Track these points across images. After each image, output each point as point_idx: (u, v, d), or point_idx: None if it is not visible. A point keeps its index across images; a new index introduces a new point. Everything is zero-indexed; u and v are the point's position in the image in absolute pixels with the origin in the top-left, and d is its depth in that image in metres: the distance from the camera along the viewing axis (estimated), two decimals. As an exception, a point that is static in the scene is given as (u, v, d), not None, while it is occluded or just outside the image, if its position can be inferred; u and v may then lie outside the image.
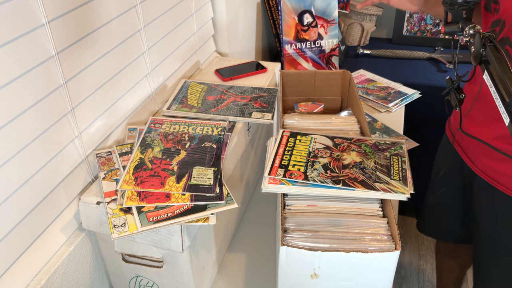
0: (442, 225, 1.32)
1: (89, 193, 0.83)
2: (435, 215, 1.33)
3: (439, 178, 1.26)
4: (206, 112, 1.03)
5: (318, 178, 0.82)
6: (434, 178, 1.30)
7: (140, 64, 1.01)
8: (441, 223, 1.32)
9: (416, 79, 1.77)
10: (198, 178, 0.83)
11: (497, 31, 0.92)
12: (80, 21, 0.79)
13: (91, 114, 0.87)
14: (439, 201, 1.29)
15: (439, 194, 1.28)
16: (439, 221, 1.32)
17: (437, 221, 1.33)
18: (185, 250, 0.80)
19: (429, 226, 1.39)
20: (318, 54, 1.75)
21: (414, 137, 1.45)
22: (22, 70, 0.68)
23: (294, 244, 0.73)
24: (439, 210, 1.31)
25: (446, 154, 1.22)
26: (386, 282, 0.76)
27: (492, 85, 0.66)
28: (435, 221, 1.34)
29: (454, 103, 0.82)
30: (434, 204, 1.32)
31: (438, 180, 1.27)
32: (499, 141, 0.96)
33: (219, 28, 1.41)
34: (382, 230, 0.76)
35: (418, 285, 1.98)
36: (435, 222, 1.34)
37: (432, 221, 1.36)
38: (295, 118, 1.05)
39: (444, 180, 1.24)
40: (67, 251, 0.83)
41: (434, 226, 1.37)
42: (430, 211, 1.35)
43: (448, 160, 1.21)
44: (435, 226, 1.36)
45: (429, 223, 1.38)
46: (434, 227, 1.37)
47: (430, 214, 1.35)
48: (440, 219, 1.32)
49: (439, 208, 1.31)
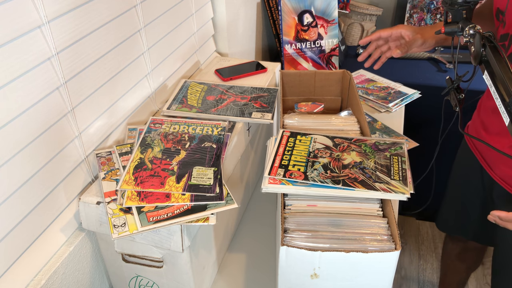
0: (458, 220, 1.32)
1: (89, 193, 0.83)
2: (453, 209, 1.32)
3: (459, 180, 1.26)
4: (206, 112, 1.03)
5: (318, 178, 0.82)
6: (453, 179, 1.30)
7: (140, 64, 1.01)
8: (457, 219, 1.32)
9: (416, 79, 1.77)
10: (198, 178, 0.83)
11: (506, 45, 0.92)
12: (80, 21, 0.79)
13: (91, 114, 0.87)
14: (458, 198, 1.29)
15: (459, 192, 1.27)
16: (456, 216, 1.32)
17: (454, 216, 1.33)
18: (185, 250, 0.80)
19: (446, 221, 1.38)
20: (318, 54, 1.75)
21: (414, 137, 1.44)
22: (22, 70, 0.68)
23: (294, 244, 0.73)
24: (457, 206, 1.30)
25: (465, 157, 1.22)
26: (386, 282, 0.76)
27: (492, 85, 0.66)
28: (452, 215, 1.33)
29: (454, 103, 0.82)
30: (453, 199, 1.31)
31: (457, 180, 1.27)
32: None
33: (219, 28, 1.41)
34: (382, 230, 0.76)
35: (418, 285, 1.98)
36: (452, 216, 1.34)
37: (450, 216, 1.35)
38: (295, 118, 1.05)
39: (465, 181, 1.23)
40: (67, 251, 0.83)
41: (450, 221, 1.36)
42: (449, 206, 1.34)
43: (467, 164, 1.21)
44: (451, 220, 1.35)
45: (446, 218, 1.37)
46: (450, 221, 1.36)
47: (448, 209, 1.34)
48: (457, 214, 1.31)
49: (457, 204, 1.30)
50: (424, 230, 2.25)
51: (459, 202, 1.29)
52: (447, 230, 1.45)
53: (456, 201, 1.31)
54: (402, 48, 1.11)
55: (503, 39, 0.93)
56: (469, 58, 0.76)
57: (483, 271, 1.99)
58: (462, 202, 1.27)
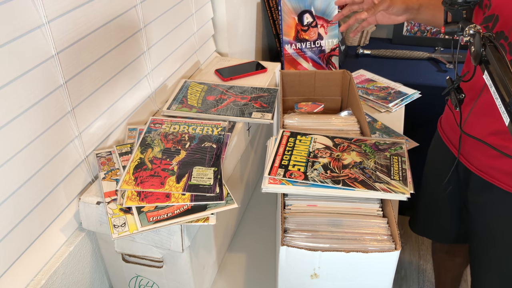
0: (435, 225, 1.32)
1: (89, 193, 0.83)
2: (429, 214, 1.32)
3: (432, 177, 1.26)
4: (206, 112, 1.03)
5: (318, 178, 0.82)
6: (426, 176, 1.29)
7: (140, 64, 1.01)
8: (434, 223, 1.31)
9: (416, 79, 1.77)
10: (198, 178, 0.83)
11: (489, 26, 0.92)
12: (80, 21, 0.79)
13: (91, 114, 0.87)
14: (432, 200, 1.28)
15: (432, 193, 1.27)
16: (433, 221, 1.31)
17: (431, 221, 1.32)
18: (185, 250, 0.80)
19: (422, 226, 1.38)
20: (318, 54, 1.75)
21: (414, 137, 1.44)
22: (22, 70, 0.68)
23: (294, 244, 0.73)
24: (432, 210, 1.30)
25: (438, 152, 1.22)
26: (386, 282, 0.76)
27: (492, 85, 0.66)
28: (429, 221, 1.33)
29: (454, 103, 0.82)
30: (427, 203, 1.31)
31: (430, 178, 1.27)
32: (496, 137, 0.96)
33: (219, 28, 1.41)
34: (382, 230, 0.76)
35: (418, 285, 1.98)
36: (429, 222, 1.33)
37: (426, 221, 1.35)
38: (295, 118, 1.05)
39: (438, 178, 1.23)
40: (67, 251, 0.83)
41: (427, 226, 1.36)
42: (423, 211, 1.34)
43: (440, 158, 1.20)
44: (428, 226, 1.35)
45: (422, 222, 1.37)
46: (427, 227, 1.36)
47: (424, 214, 1.34)
48: (433, 219, 1.31)
49: (432, 208, 1.30)
50: (424, 230, 2.25)
51: (433, 199, 1.28)
52: (425, 235, 1.43)
53: (430, 198, 1.29)
54: (369, 10, 1.09)
55: (486, 21, 0.93)
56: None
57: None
58: (436, 199, 1.26)
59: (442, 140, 1.18)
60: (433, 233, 1.38)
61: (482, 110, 0.98)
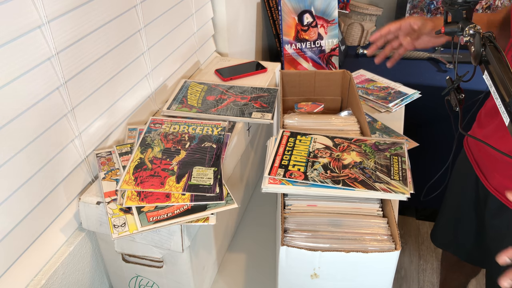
0: (455, 242, 1.30)
1: (89, 193, 0.83)
2: (450, 229, 1.31)
3: (454, 192, 1.25)
4: (206, 112, 1.03)
5: (318, 178, 0.82)
6: (450, 189, 1.28)
7: (140, 64, 1.01)
8: (454, 239, 1.30)
9: (416, 79, 1.77)
10: (198, 178, 0.83)
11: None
12: (80, 21, 0.79)
13: (91, 114, 0.87)
14: (455, 214, 1.27)
15: (454, 207, 1.26)
16: (454, 236, 1.30)
17: (451, 237, 1.31)
18: (185, 250, 0.80)
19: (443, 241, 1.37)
20: (318, 54, 1.75)
21: (414, 137, 1.44)
22: (22, 70, 0.68)
23: (294, 244, 0.73)
24: (453, 225, 1.29)
25: (462, 168, 1.21)
26: (386, 282, 0.76)
27: (492, 85, 0.66)
28: (450, 236, 1.32)
29: (454, 103, 0.82)
30: (450, 218, 1.30)
31: (453, 192, 1.26)
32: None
33: (219, 28, 1.41)
34: (382, 230, 0.76)
35: (418, 285, 1.98)
36: (450, 237, 1.32)
37: (447, 235, 1.34)
38: (295, 118, 1.05)
39: (462, 192, 1.22)
40: (67, 251, 0.83)
41: (448, 241, 1.35)
42: (446, 225, 1.33)
43: (464, 174, 1.19)
44: (449, 241, 1.34)
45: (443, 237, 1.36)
46: (448, 241, 1.35)
47: (445, 228, 1.33)
48: (454, 234, 1.30)
49: (453, 223, 1.28)
50: (424, 230, 2.25)
51: (455, 214, 1.28)
52: (442, 246, 1.43)
53: (451, 212, 1.29)
54: (411, 35, 1.05)
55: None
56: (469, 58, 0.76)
57: (483, 271, 1.99)
58: (457, 214, 1.26)
59: (467, 156, 1.17)
60: (453, 249, 1.37)
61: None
